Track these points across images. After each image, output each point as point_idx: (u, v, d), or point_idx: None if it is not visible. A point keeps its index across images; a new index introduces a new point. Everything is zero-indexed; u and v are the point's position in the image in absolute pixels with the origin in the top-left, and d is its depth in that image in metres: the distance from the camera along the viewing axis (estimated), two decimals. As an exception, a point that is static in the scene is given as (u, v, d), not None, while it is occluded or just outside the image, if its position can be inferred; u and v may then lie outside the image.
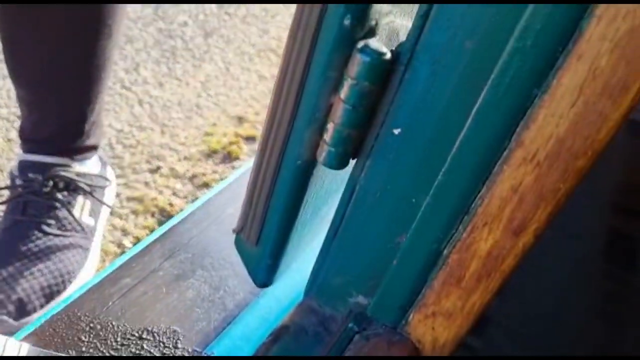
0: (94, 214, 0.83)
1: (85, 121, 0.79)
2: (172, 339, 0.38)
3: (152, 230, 0.91)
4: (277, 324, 0.38)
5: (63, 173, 0.79)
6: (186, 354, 0.37)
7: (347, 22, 0.27)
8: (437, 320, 0.33)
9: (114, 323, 0.38)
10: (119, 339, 0.37)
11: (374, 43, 0.28)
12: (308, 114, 0.31)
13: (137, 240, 0.88)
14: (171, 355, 0.37)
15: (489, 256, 0.30)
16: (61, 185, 0.79)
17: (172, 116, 1.13)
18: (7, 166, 0.97)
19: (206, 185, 0.98)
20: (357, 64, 0.28)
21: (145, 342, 0.37)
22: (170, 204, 0.94)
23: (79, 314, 0.38)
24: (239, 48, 1.33)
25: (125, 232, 0.89)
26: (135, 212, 0.92)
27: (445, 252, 0.31)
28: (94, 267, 0.82)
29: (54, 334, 0.37)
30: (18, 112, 1.08)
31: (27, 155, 0.80)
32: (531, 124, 0.27)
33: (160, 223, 0.92)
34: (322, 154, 0.31)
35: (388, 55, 0.28)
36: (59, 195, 0.78)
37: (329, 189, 0.38)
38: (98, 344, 0.37)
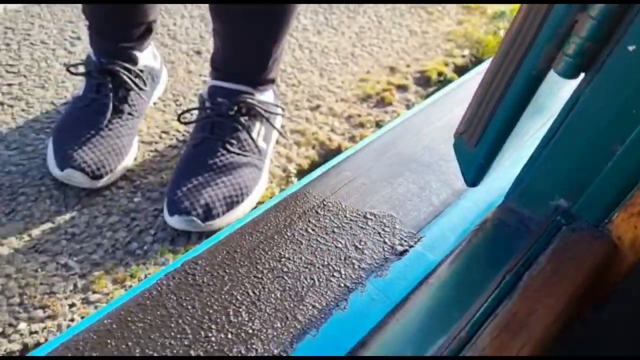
0: (267, 139, 0.93)
1: (270, 57, 0.88)
2: (391, 222, 0.45)
3: (313, 161, 0.99)
4: (480, 219, 0.44)
5: (247, 100, 0.88)
6: (403, 235, 0.44)
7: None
8: (642, 218, 0.37)
9: (342, 203, 0.46)
10: (347, 215, 0.44)
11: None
12: (552, 29, 0.35)
13: (300, 167, 0.97)
14: (390, 235, 0.44)
15: None
16: (244, 110, 0.89)
17: (329, 61, 1.20)
18: (188, 93, 1.09)
19: (362, 125, 1.05)
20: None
21: (370, 221, 0.44)
22: (329, 139, 1.02)
23: (312, 193, 0.46)
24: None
25: (289, 160, 0.98)
26: (298, 144, 1.01)
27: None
28: (265, 186, 0.92)
29: (285, 209, 0.45)
30: (196, 48, 1.20)
31: (217, 81, 0.90)
32: None
33: (320, 155, 1.00)
34: (560, 64, 0.36)
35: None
36: (242, 119, 0.88)
37: (539, 105, 0.43)
38: (331, 217, 0.44)
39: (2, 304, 0.76)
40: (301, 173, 0.97)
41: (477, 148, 0.42)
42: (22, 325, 0.74)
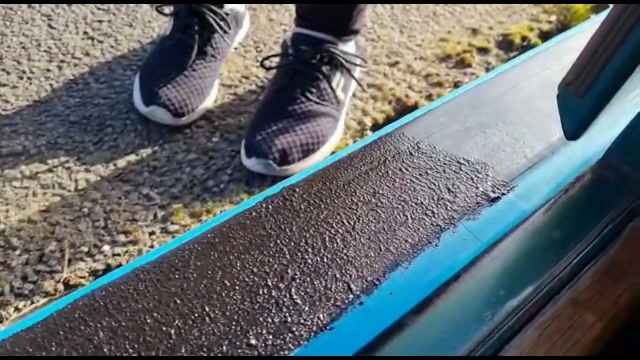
0: (346, 90, 0.93)
1: (355, 7, 0.88)
2: (484, 169, 0.45)
3: (388, 116, 0.99)
4: (576, 174, 0.43)
5: (330, 49, 0.88)
6: (496, 183, 0.44)
7: None
8: None
9: (436, 147, 0.46)
10: (441, 159, 0.45)
11: None
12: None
13: (375, 122, 0.97)
14: (483, 182, 0.44)
15: None
16: (326, 59, 0.89)
17: (410, 19, 1.18)
18: (269, 41, 1.10)
19: (440, 84, 1.04)
20: None
21: (463, 166, 0.45)
22: (407, 96, 1.02)
23: (408, 135, 0.47)
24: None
25: (365, 113, 0.99)
26: (374, 98, 1.01)
27: None
28: (340, 137, 0.92)
29: (380, 148, 0.46)
30: (279, -4, 1.21)
31: (302, 29, 0.90)
32: None
33: (396, 111, 1.00)
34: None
35: None
36: (324, 69, 0.89)
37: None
38: (425, 160, 0.45)
39: (89, 226, 0.81)
40: (376, 127, 0.97)
41: (583, 100, 0.41)
42: (106, 248, 0.78)
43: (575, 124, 0.42)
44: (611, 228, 0.35)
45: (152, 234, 0.80)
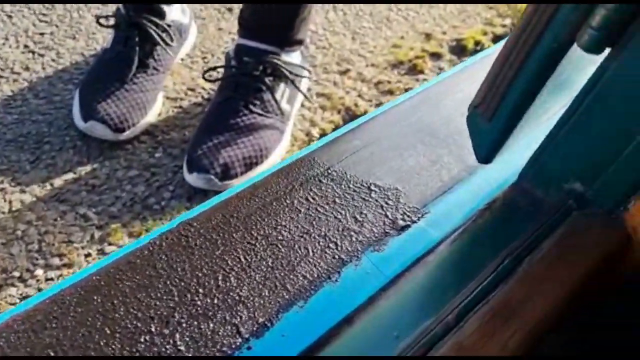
0: (291, 101, 0.91)
1: (297, 16, 0.86)
2: (395, 195, 0.43)
3: (337, 126, 0.98)
4: (490, 198, 0.42)
5: (272, 60, 0.86)
6: (407, 210, 0.42)
7: None
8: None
9: (347, 172, 0.44)
10: (351, 186, 0.43)
11: None
12: (576, -3, 0.33)
13: (323, 132, 0.95)
14: (393, 209, 0.42)
15: None
16: (269, 70, 0.87)
17: (362, 25, 1.17)
18: (217, 51, 1.07)
19: (390, 92, 1.03)
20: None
21: (373, 192, 0.43)
22: (356, 104, 1.00)
23: (318, 160, 0.45)
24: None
25: (313, 124, 0.97)
26: (323, 108, 0.99)
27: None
28: (286, 148, 0.90)
29: (288, 175, 0.44)
30: (228, 5, 1.18)
31: (244, 40, 0.88)
32: None
33: (345, 120, 0.98)
34: (584, 37, 0.33)
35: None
36: (266, 80, 0.87)
37: (562, 82, 0.40)
38: (334, 187, 0.43)
39: (22, 249, 0.78)
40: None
41: (491, 123, 0.39)
42: (39, 272, 0.75)
43: (486, 146, 0.41)
44: (508, 262, 0.34)
45: (87, 255, 0.78)
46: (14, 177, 0.85)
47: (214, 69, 0.90)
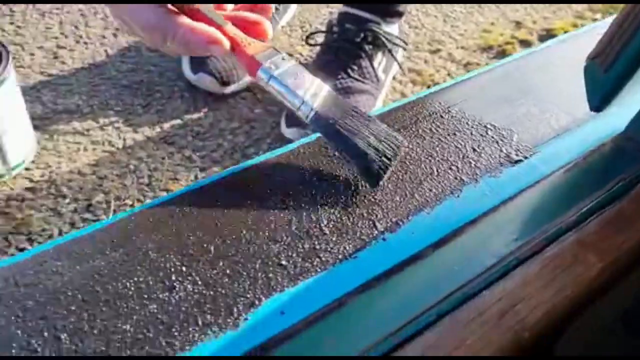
0: (387, 70, 0.96)
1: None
2: (509, 134, 0.47)
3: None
4: (599, 144, 0.46)
5: (374, 28, 0.92)
6: (520, 147, 0.46)
7: None
8: None
9: (465, 113, 0.49)
10: (469, 123, 0.48)
11: None
12: None
13: (413, 104, 1.00)
14: (507, 145, 0.46)
15: None
16: (369, 38, 0.92)
17: (454, 9, 1.20)
18: (315, 22, 1.13)
19: (479, 73, 1.06)
20: None
21: (489, 130, 0.47)
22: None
23: (438, 100, 0.50)
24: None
25: (403, 96, 1.01)
26: (413, 82, 1.04)
27: None
28: (377, 115, 0.95)
29: (412, 109, 0.49)
30: (327, -21, 1.24)
31: (348, 8, 0.94)
32: None
33: (434, 96, 1.02)
34: None
35: None
36: (366, 47, 0.92)
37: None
38: (454, 122, 0.48)
39: (133, 181, 0.85)
40: (413, 109, 1.00)
41: (607, 74, 0.43)
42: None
43: (599, 96, 0.45)
44: (622, 184, 0.38)
45: (192, 192, 0.85)
46: (127, 119, 0.93)
47: (317, 33, 0.95)
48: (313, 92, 0.41)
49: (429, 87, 1.03)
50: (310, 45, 0.96)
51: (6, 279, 0.35)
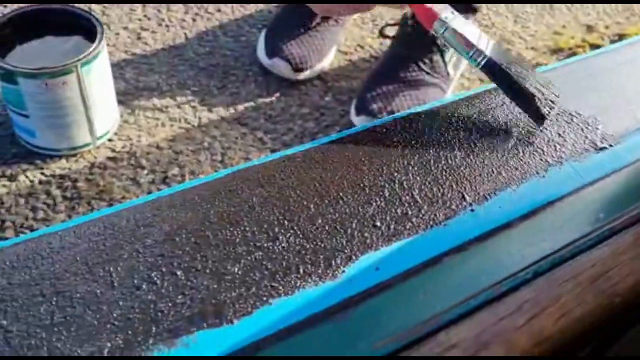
0: (457, 66, 0.97)
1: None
2: (594, 122, 0.48)
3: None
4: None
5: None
6: (604, 135, 0.47)
7: None
8: None
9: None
10: (555, 111, 0.49)
11: None
12: None
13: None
14: (592, 133, 0.48)
15: None
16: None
17: (525, 10, 1.21)
18: (386, 15, 1.15)
19: (548, 74, 1.06)
20: None
21: (575, 118, 0.49)
22: (514, 81, 1.04)
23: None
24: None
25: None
26: (481, 80, 1.05)
27: None
28: (445, 109, 0.97)
29: (500, 92, 0.51)
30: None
31: (422, 3, 0.95)
32: None
33: (501, 94, 1.03)
34: None
35: None
36: (439, 42, 0.94)
37: None
38: (539, 109, 0.49)
39: (207, 158, 0.89)
40: (480, 106, 1.01)
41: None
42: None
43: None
44: None
45: (262, 172, 0.88)
46: (203, 99, 0.97)
47: (391, 25, 0.98)
48: (483, 42, 0.45)
49: (497, 85, 1.04)
50: (383, 37, 0.98)
51: (127, 219, 0.38)
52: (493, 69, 0.46)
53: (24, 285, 0.34)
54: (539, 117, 0.46)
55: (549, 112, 0.46)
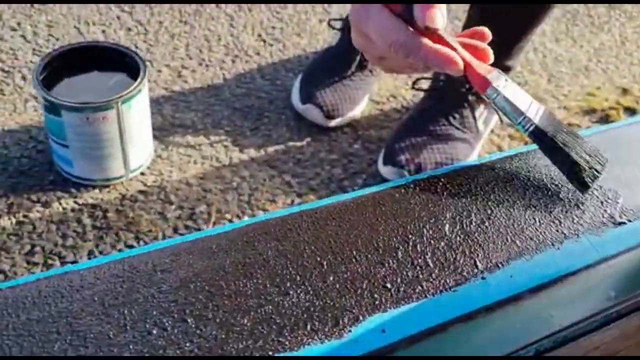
0: (487, 122, 0.98)
1: (517, 43, 0.93)
2: (614, 196, 0.49)
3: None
4: None
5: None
6: (624, 210, 0.47)
7: None
8: None
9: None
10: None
11: None
12: None
13: (509, 158, 1.01)
14: (612, 207, 0.48)
15: None
16: (474, 89, 0.95)
17: (560, 70, 1.21)
18: (421, 68, 1.17)
19: (580, 135, 1.06)
20: None
21: (595, 191, 0.49)
22: (544, 140, 1.04)
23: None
24: None
25: (499, 149, 1.03)
26: (511, 137, 1.05)
27: None
28: (473, 164, 0.97)
29: (522, 159, 0.51)
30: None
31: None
32: None
33: (531, 152, 1.03)
34: None
35: None
36: (470, 98, 0.95)
37: None
38: (559, 179, 0.49)
39: (235, 198, 0.91)
40: (509, 163, 1.01)
41: None
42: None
43: None
44: None
45: (287, 215, 0.90)
46: (235, 139, 1.00)
47: (424, 79, 0.99)
48: (533, 110, 0.46)
49: (525, 143, 1.04)
50: (416, 89, 1.00)
51: (146, 263, 0.39)
52: (540, 138, 0.47)
53: (42, 322, 0.35)
54: (581, 185, 0.47)
55: (592, 181, 0.46)
